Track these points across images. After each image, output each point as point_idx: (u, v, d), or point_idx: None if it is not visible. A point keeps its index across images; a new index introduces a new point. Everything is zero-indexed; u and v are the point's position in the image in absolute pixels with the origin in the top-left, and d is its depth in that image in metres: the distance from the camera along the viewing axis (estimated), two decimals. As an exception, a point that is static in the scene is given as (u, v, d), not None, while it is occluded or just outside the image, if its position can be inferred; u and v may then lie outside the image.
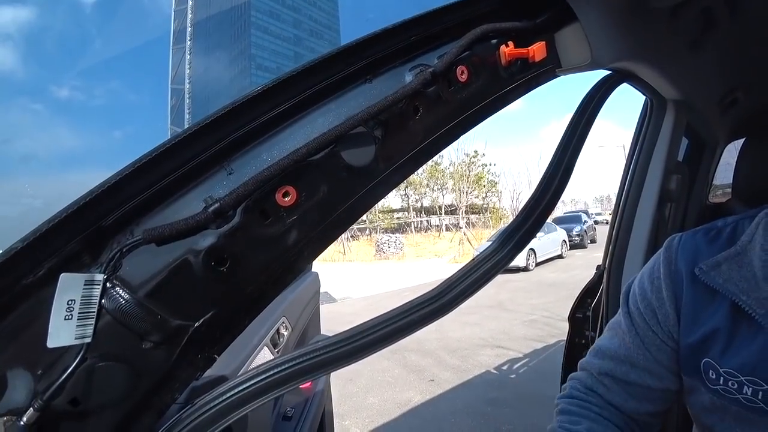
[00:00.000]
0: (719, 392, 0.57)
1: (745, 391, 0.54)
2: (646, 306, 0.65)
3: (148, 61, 68.09)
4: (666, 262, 0.65)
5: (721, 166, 1.38)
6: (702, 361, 0.59)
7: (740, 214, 0.65)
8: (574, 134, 0.73)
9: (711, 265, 0.60)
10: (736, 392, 0.55)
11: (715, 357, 0.58)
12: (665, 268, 0.64)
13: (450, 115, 0.56)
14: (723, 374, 0.56)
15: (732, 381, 0.56)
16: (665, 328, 0.63)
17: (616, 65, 0.78)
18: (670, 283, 0.63)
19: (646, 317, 0.65)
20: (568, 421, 0.65)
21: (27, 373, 0.41)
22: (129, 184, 0.41)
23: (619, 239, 1.21)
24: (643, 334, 0.65)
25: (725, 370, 0.56)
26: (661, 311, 0.63)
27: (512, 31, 0.59)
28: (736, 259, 0.58)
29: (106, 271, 0.41)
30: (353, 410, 3.85)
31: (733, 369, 0.56)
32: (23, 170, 73.96)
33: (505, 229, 0.73)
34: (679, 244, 0.65)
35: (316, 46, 55.77)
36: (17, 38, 72.46)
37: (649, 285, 0.66)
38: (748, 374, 0.54)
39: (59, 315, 0.38)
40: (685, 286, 0.62)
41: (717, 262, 0.59)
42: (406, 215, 29.75)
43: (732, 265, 0.58)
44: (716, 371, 0.57)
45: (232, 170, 0.44)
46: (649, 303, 0.65)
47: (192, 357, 0.47)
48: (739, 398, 0.55)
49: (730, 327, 0.57)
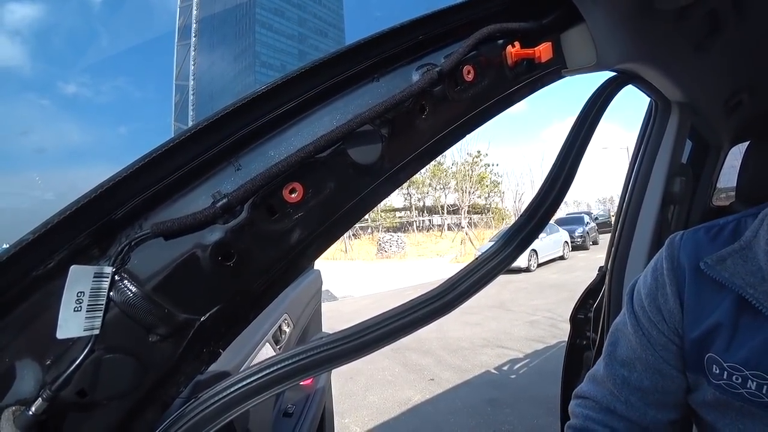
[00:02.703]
0: (723, 387, 0.57)
1: (750, 385, 0.54)
2: (651, 303, 0.65)
3: (152, 58, 68.23)
4: (669, 258, 0.65)
5: (725, 169, 1.38)
6: (705, 356, 0.59)
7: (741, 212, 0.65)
8: (579, 135, 0.73)
9: (716, 259, 0.60)
10: (740, 387, 0.55)
11: (719, 352, 0.57)
12: (668, 263, 0.64)
13: (456, 114, 0.56)
14: (727, 369, 0.56)
15: (736, 375, 0.55)
16: (671, 324, 0.63)
17: (622, 66, 0.78)
18: (673, 278, 0.63)
19: (651, 315, 0.65)
20: None
21: (36, 363, 0.41)
22: (138, 179, 0.41)
23: (622, 241, 1.21)
24: (649, 333, 0.65)
25: (729, 365, 0.56)
26: (665, 307, 0.63)
27: (519, 31, 0.59)
28: (740, 254, 0.59)
29: (114, 264, 0.41)
30: (353, 408, 3.86)
31: (737, 363, 0.55)
32: (34, 163, 74.43)
33: (507, 229, 0.73)
34: (681, 241, 0.65)
35: (321, 44, 55.71)
36: (26, 35, 72.93)
37: (653, 282, 0.66)
38: (752, 368, 0.54)
39: (69, 307, 0.39)
40: (688, 281, 0.62)
41: (722, 257, 0.60)
42: (409, 214, 29.74)
43: (737, 260, 0.58)
44: (720, 366, 0.57)
45: (240, 166, 0.44)
46: (654, 300, 0.65)
47: (197, 351, 0.48)
48: (743, 393, 0.55)
49: (735, 321, 0.57)
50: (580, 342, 1.38)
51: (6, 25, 71.26)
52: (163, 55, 55.52)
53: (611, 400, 0.67)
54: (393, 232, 25.90)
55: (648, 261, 1.11)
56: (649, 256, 1.13)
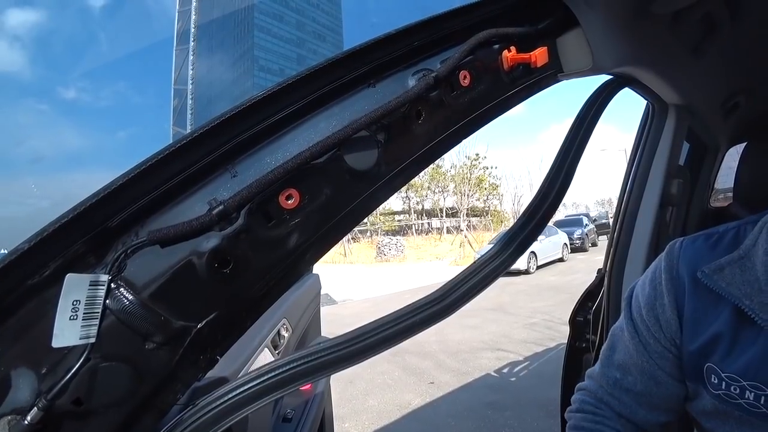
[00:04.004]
0: (721, 397, 0.57)
1: (747, 395, 0.54)
2: (649, 311, 0.65)
3: (151, 63, 68.22)
4: (667, 268, 0.65)
5: (722, 170, 1.38)
6: (704, 366, 0.59)
7: (742, 219, 0.65)
8: (576, 138, 0.73)
9: (714, 269, 0.59)
10: (738, 397, 0.55)
11: (717, 361, 0.57)
12: (666, 274, 0.64)
13: (452, 119, 0.56)
14: (725, 379, 0.56)
15: (734, 386, 0.55)
16: (668, 334, 0.63)
17: (618, 70, 0.78)
18: (671, 288, 0.63)
19: (649, 323, 0.65)
20: None
21: (31, 372, 0.41)
22: (134, 186, 0.41)
23: (621, 243, 1.21)
24: (646, 341, 0.65)
25: (727, 375, 0.56)
26: (663, 317, 0.63)
27: (514, 36, 0.60)
28: (738, 263, 0.58)
29: (110, 272, 0.41)
30: (353, 413, 3.85)
31: (734, 373, 0.55)
32: (30, 171, 74.27)
33: (506, 232, 0.73)
34: (681, 249, 0.65)
35: (319, 49, 55.83)
36: (26, 40, 73.03)
37: (651, 291, 0.66)
38: (750, 379, 0.54)
39: (64, 315, 0.39)
40: (687, 292, 0.61)
41: (720, 266, 0.59)
42: (408, 218, 29.72)
43: (735, 269, 0.58)
44: (718, 376, 0.57)
45: (236, 173, 0.44)
46: (651, 309, 0.65)
47: (194, 358, 0.48)
48: (741, 403, 0.55)
49: (733, 331, 0.57)
50: (579, 344, 1.38)
51: (5, 30, 71.46)
52: (161, 60, 55.61)
53: (604, 394, 0.68)
54: (392, 235, 25.87)
55: (647, 262, 1.11)
56: (647, 257, 1.13)
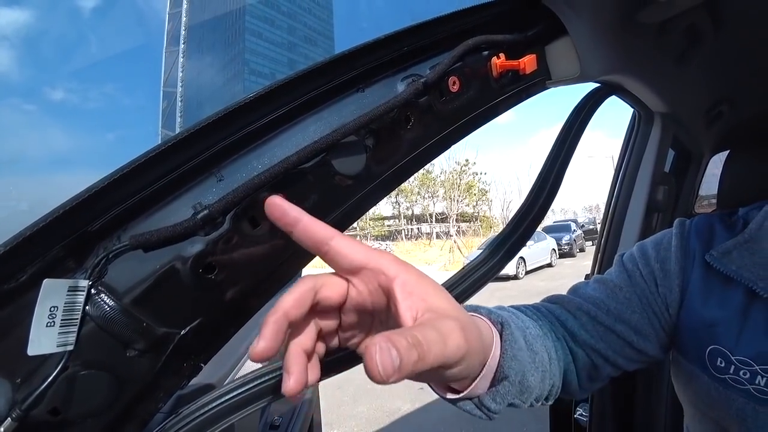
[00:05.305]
0: (727, 381, 0.55)
1: (759, 381, 0.53)
2: (646, 267, 0.64)
3: (140, 64, 67.59)
4: (679, 236, 0.63)
5: (706, 177, 1.41)
6: (708, 349, 0.57)
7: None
8: (564, 145, 0.74)
9: (722, 251, 0.59)
10: (747, 382, 0.54)
11: (727, 345, 0.56)
12: (677, 241, 0.63)
13: (441, 125, 0.56)
14: (735, 362, 0.55)
15: (744, 370, 0.54)
16: (662, 297, 0.62)
17: (605, 78, 0.79)
18: (681, 257, 0.62)
19: (647, 280, 0.63)
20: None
21: (5, 381, 0.39)
22: (117, 189, 0.40)
23: (608, 248, 1.23)
24: (641, 293, 0.63)
25: (738, 359, 0.55)
26: (663, 283, 0.62)
27: (504, 43, 0.60)
28: (746, 246, 0.58)
29: (91, 277, 0.40)
30: (342, 419, 3.82)
31: (747, 357, 0.54)
32: (8, 172, 72.51)
33: (495, 237, 0.73)
34: (692, 224, 0.64)
35: (310, 53, 55.86)
36: (14, 40, 71.69)
37: (654, 253, 0.64)
38: (763, 363, 0.53)
39: (41, 322, 0.37)
40: (695, 266, 0.60)
41: (727, 249, 0.58)
42: (397, 223, 29.78)
43: (743, 252, 0.57)
44: (727, 359, 0.55)
45: (222, 177, 0.43)
46: (651, 268, 0.63)
47: (178, 365, 0.47)
48: (750, 389, 0.53)
49: (745, 314, 0.56)
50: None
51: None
52: (150, 61, 55.12)
53: (564, 315, 0.65)
54: (382, 240, 25.89)
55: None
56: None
